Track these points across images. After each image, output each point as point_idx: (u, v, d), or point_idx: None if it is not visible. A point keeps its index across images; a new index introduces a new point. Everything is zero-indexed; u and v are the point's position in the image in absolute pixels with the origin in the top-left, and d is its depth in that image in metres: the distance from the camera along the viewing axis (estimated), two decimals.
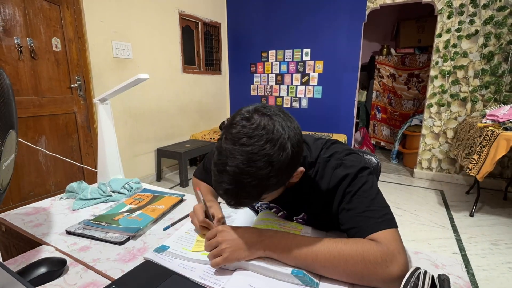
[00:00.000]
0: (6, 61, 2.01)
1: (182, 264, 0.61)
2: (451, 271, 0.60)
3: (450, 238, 2.07)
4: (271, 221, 0.74)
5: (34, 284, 0.56)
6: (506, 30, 2.72)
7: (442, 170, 3.27)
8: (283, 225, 0.72)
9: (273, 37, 3.90)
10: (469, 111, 3.01)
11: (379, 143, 4.61)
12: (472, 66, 2.92)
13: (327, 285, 0.55)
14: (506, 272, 1.69)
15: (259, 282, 0.55)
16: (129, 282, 0.56)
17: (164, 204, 0.92)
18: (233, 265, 0.60)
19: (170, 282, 0.56)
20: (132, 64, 2.86)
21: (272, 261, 0.58)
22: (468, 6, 2.84)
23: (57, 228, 0.79)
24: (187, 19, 3.53)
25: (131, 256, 0.66)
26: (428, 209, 2.54)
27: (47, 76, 2.24)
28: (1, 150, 0.61)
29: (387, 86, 4.36)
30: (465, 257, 1.84)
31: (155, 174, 3.30)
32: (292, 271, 0.55)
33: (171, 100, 3.39)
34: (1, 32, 1.97)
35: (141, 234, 0.75)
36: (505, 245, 1.97)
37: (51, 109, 2.28)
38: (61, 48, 2.31)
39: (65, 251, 0.68)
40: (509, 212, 2.47)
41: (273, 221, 0.74)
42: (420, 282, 0.52)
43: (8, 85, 0.66)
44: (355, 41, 3.42)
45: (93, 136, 2.59)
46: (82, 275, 0.59)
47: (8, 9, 1.99)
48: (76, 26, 2.38)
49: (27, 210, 0.90)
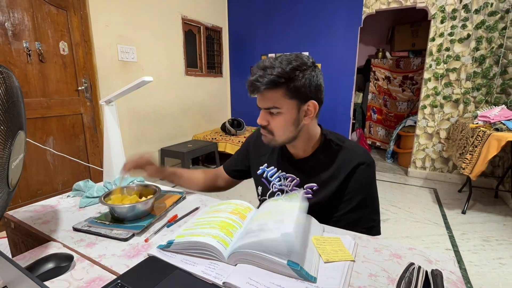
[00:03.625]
0: (15, 64, 2.01)
1: (185, 260, 0.61)
2: (444, 266, 0.60)
3: (443, 235, 2.07)
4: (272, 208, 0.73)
5: (42, 279, 0.56)
6: (497, 34, 2.72)
7: (435, 169, 3.27)
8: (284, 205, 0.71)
9: (272, 41, 3.90)
10: (461, 112, 3.01)
11: (375, 143, 4.61)
12: (464, 69, 2.92)
13: (325, 280, 0.55)
14: (497, 267, 1.69)
15: (258, 276, 0.55)
16: (133, 277, 0.56)
17: (166, 202, 0.92)
18: (234, 259, 0.59)
19: (173, 277, 0.56)
20: (137, 67, 2.86)
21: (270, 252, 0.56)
22: (460, 11, 2.84)
23: (64, 225, 0.79)
24: (189, 23, 3.53)
25: (135, 252, 0.66)
26: (422, 207, 2.54)
27: (55, 79, 2.24)
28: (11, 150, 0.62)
29: (383, 88, 4.36)
30: (458, 253, 1.84)
31: None
32: (287, 262, 0.54)
33: (174, 101, 3.39)
34: (11, 36, 1.97)
35: (145, 231, 0.75)
36: (496, 241, 1.97)
37: (58, 110, 2.28)
38: (68, 52, 2.32)
39: (72, 247, 0.68)
40: (499, 209, 2.47)
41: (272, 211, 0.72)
42: (414, 277, 0.52)
43: (17, 87, 0.66)
44: (352, 45, 3.42)
45: (99, 137, 2.59)
46: (89, 270, 0.59)
47: (17, 14, 1.99)
48: (83, 30, 2.38)
49: (35, 208, 0.90)
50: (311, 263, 0.57)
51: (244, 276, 0.54)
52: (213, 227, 0.65)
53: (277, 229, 0.58)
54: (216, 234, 0.63)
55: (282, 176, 0.89)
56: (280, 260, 0.54)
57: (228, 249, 0.60)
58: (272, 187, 0.91)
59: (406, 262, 0.61)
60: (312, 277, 0.54)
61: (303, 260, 0.57)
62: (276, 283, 0.53)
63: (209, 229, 0.65)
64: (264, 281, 0.53)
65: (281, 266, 0.54)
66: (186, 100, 3.58)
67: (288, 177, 0.88)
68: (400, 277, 0.54)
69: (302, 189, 0.84)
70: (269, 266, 0.56)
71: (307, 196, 0.83)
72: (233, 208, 0.75)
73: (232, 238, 0.64)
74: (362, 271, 0.58)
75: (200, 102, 3.82)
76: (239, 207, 0.76)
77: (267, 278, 0.54)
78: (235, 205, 0.77)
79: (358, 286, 0.54)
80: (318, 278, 0.55)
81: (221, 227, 0.65)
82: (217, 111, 4.21)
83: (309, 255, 0.59)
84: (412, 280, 0.52)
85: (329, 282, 0.54)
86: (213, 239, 0.61)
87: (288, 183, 0.87)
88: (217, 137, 3.61)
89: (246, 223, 0.71)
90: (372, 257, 0.63)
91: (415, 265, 0.57)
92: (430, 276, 0.53)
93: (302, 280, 0.54)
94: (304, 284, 0.53)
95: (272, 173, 0.92)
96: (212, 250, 0.60)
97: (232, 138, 3.55)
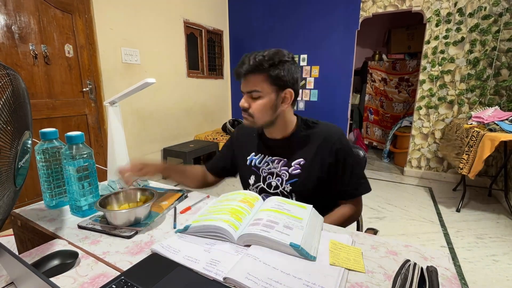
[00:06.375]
0: (22, 66, 2.01)
1: (187, 257, 0.61)
2: (439, 263, 0.60)
3: (438, 232, 2.07)
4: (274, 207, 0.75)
5: (48, 275, 0.56)
6: (490, 37, 2.72)
7: (430, 169, 3.27)
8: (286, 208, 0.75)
9: (272, 44, 3.90)
10: (456, 113, 3.01)
11: (372, 143, 4.61)
12: (459, 71, 2.92)
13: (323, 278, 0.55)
14: (491, 264, 1.69)
15: (257, 271, 0.55)
16: (136, 273, 0.56)
17: (167, 200, 0.92)
18: (243, 240, 0.64)
19: (175, 273, 0.56)
20: (140, 69, 2.86)
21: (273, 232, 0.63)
22: (455, 14, 2.84)
23: (70, 222, 0.79)
24: (191, 27, 3.53)
25: (138, 249, 0.66)
26: (418, 205, 2.54)
27: (60, 80, 2.24)
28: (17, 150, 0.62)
29: (379, 89, 4.36)
30: (452, 250, 1.84)
31: None
32: (290, 243, 0.59)
33: (176, 102, 3.39)
34: (17, 39, 1.97)
35: (148, 229, 0.75)
36: (489, 239, 1.97)
37: (63, 111, 2.28)
38: (73, 54, 2.32)
39: (77, 245, 0.68)
40: (493, 208, 2.47)
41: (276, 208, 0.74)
42: (410, 273, 0.52)
43: (23, 89, 0.66)
44: (349, 48, 3.42)
45: (103, 137, 2.59)
46: (93, 267, 0.59)
47: (24, 17, 1.99)
48: (88, 33, 2.38)
49: (41, 206, 0.90)
50: (311, 245, 0.62)
51: (244, 272, 0.54)
52: (224, 213, 0.71)
53: (286, 236, 0.62)
54: (228, 219, 0.68)
55: (270, 161, 0.93)
56: (283, 242, 0.60)
57: (238, 232, 0.66)
58: (262, 172, 0.94)
59: (402, 259, 0.61)
60: (311, 256, 0.59)
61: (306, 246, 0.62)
62: (274, 279, 0.53)
63: (221, 214, 0.71)
64: (263, 276, 0.54)
65: (285, 246, 0.60)
66: (188, 101, 3.58)
67: (274, 159, 0.92)
68: (396, 274, 0.54)
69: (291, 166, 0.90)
70: (273, 246, 0.62)
71: (296, 172, 0.88)
72: (243, 197, 0.80)
73: (241, 223, 0.69)
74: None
75: (201, 103, 3.82)
76: (248, 196, 0.81)
77: (265, 273, 0.55)
78: (244, 194, 0.82)
79: (355, 282, 0.54)
80: (316, 275, 0.55)
81: (232, 213, 0.71)
82: (218, 112, 4.21)
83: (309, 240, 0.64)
84: (408, 276, 0.52)
85: (327, 280, 0.54)
86: (225, 223, 0.67)
87: (276, 165, 0.92)
88: (218, 137, 3.61)
89: (254, 211, 0.76)
90: (369, 254, 0.63)
91: (410, 261, 0.57)
92: (425, 272, 0.53)
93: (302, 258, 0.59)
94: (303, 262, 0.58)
95: (260, 160, 0.95)
96: (224, 233, 0.65)
97: None
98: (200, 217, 0.73)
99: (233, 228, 0.66)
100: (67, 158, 0.77)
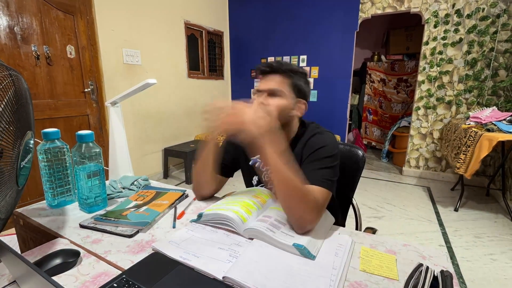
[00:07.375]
0: (24, 67, 2.01)
1: (188, 256, 0.61)
2: (437, 262, 0.60)
3: (436, 232, 2.07)
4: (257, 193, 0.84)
5: (50, 274, 0.56)
6: (488, 38, 2.72)
7: (429, 168, 3.27)
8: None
9: (272, 45, 3.90)
10: (454, 114, 3.01)
11: (371, 143, 4.61)
12: (457, 72, 2.92)
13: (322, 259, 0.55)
14: (488, 263, 1.69)
15: (256, 269, 0.55)
16: (138, 272, 0.56)
17: (168, 199, 0.92)
18: (248, 234, 0.67)
19: (176, 272, 0.56)
20: (141, 70, 2.86)
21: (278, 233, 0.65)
22: (453, 16, 2.84)
23: (71, 222, 0.79)
24: (192, 28, 3.53)
25: (140, 248, 0.66)
26: (416, 205, 2.54)
27: (62, 81, 2.24)
28: (20, 150, 0.62)
29: (378, 90, 4.36)
30: (450, 249, 1.84)
31: (162, 172, 3.30)
32: (293, 243, 0.61)
33: (177, 103, 3.39)
34: (20, 40, 1.97)
35: (149, 228, 0.75)
36: (487, 238, 1.97)
37: (65, 111, 2.28)
38: (75, 55, 2.32)
39: (79, 244, 0.68)
40: (491, 207, 2.47)
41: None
42: (421, 278, 0.51)
43: (26, 89, 0.66)
44: (348, 49, 3.42)
45: (105, 137, 2.59)
46: (95, 266, 0.59)
47: (26, 19, 1.99)
48: (89, 34, 2.38)
49: (43, 205, 0.90)
50: (315, 245, 0.63)
51: (243, 271, 0.55)
52: (235, 205, 0.75)
53: (291, 237, 0.64)
54: (237, 210, 0.72)
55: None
56: (287, 242, 0.62)
57: (245, 224, 0.69)
58: (264, 177, 0.94)
59: (400, 257, 0.61)
60: (312, 255, 0.60)
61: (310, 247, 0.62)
62: (271, 277, 0.54)
63: (232, 206, 0.75)
64: (261, 275, 0.54)
65: (287, 246, 0.62)
66: (189, 102, 3.58)
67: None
68: (409, 276, 0.53)
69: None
70: (276, 244, 0.63)
71: None
72: (256, 193, 0.84)
73: (251, 216, 0.72)
74: (358, 267, 0.58)
75: (202, 104, 3.82)
76: (261, 192, 0.85)
77: (264, 272, 0.55)
78: (259, 191, 0.86)
79: (354, 281, 0.54)
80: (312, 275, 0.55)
81: (242, 206, 0.75)
82: None
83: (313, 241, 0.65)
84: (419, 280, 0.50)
85: (319, 282, 0.54)
86: (234, 213, 0.70)
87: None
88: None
89: (265, 206, 0.79)
90: None
91: (423, 266, 0.55)
92: (440, 278, 0.51)
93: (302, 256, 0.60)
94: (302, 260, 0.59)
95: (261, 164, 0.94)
96: (232, 223, 0.69)
97: None
98: (214, 206, 0.77)
99: (241, 220, 0.69)
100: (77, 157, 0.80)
